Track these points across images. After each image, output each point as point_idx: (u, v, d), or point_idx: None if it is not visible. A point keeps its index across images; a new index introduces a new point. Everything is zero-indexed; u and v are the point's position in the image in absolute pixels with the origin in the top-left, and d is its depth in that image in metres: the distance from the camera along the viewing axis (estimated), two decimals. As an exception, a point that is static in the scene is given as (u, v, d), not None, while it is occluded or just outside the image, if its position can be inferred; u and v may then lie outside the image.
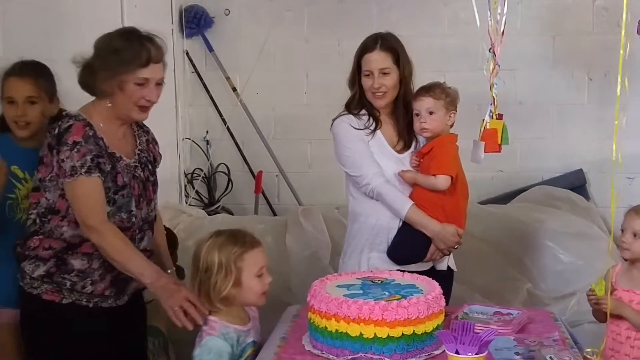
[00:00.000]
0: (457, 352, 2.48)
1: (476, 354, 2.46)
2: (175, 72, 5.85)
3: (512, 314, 3.24)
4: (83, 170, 3.04)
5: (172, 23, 5.91)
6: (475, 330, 2.54)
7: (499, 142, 3.67)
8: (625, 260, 3.52)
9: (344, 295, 2.87)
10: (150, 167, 3.38)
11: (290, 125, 6.20)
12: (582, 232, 5.03)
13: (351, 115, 3.76)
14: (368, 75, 3.69)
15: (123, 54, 3.10)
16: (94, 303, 3.23)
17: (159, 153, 3.51)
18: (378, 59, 3.68)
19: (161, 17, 5.77)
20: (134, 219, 3.22)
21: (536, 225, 5.06)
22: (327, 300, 2.83)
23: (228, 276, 2.94)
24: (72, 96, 4.29)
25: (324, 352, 2.85)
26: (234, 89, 6.01)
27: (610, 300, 3.29)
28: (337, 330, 2.79)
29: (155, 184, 3.41)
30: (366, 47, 3.72)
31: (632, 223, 3.43)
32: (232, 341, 2.95)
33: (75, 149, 3.05)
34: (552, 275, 4.89)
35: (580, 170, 5.92)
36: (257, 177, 6.01)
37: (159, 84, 3.21)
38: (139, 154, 3.33)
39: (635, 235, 3.40)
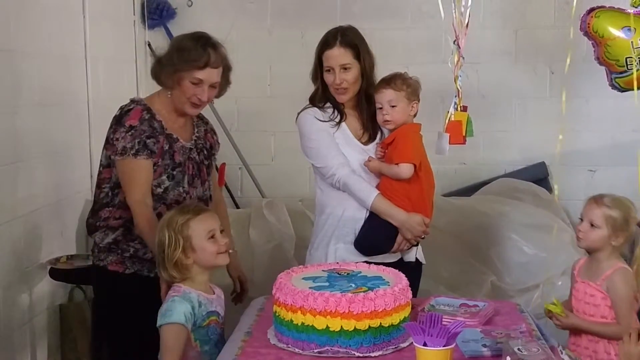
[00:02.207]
0: (425, 344, 2.47)
1: (444, 346, 2.46)
2: (137, 64, 5.79)
3: (478, 306, 3.25)
4: (132, 152, 3.41)
5: (134, 14, 5.84)
6: (443, 323, 2.54)
7: (464, 134, 3.69)
8: (583, 249, 3.50)
9: (310, 288, 2.86)
10: (205, 152, 3.72)
11: (253, 117, 6.16)
12: (545, 224, 5.06)
13: (316, 108, 3.76)
14: (329, 71, 3.69)
15: (186, 54, 3.47)
16: (155, 273, 3.38)
17: (217, 142, 3.87)
18: (338, 55, 3.67)
19: (123, 8, 5.71)
20: (185, 195, 3.55)
21: (500, 217, 5.08)
22: (292, 293, 2.81)
23: (176, 245, 3.13)
24: (36, 86, 4.26)
25: (289, 345, 2.83)
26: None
27: (568, 320, 3.36)
28: (303, 323, 2.77)
29: (210, 166, 3.76)
30: (326, 43, 3.71)
31: (590, 213, 3.40)
32: (193, 302, 3.09)
33: (130, 132, 3.43)
34: (516, 268, 4.91)
35: (543, 163, 5.96)
36: (220, 170, 5.92)
37: (214, 86, 3.55)
38: (195, 140, 3.67)
39: (592, 224, 3.37)
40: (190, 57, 3.45)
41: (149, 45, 6.00)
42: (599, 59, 4.16)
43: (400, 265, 3.47)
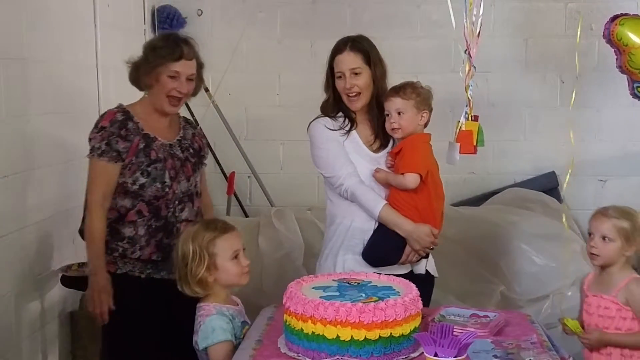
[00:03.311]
0: (436, 355, 2.47)
1: (455, 356, 2.46)
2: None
3: (489, 317, 3.22)
4: (98, 152, 3.58)
5: (144, 23, 5.86)
6: (454, 333, 2.53)
7: (475, 143, 3.67)
8: (597, 266, 3.43)
9: (321, 297, 2.84)
10: (191, 150, 3.83)
11: (262, 126, 6.17)
12: (555, 234, 5.05)
13: (327, 118, 3.76)
14: (340, 77, 3.70)
15: (159, 51, 3.65)
16: (147, 274, 3.65)
17: (205, 144, 3.99)
18: (348, 60, 3.69)
19: (133, 17, 5.72)
20: (168, 189, 3.65)
21: (509, 227, 5.06)
22: (303, 302, 2.79)
23: (201, 262, 3.13)
24: (48, 94, 4.27)
25: (300, 354, 2.81)
26: (206, 90, 5.94)
27: (594, 336, 3.32)
28: (313, 332, 2.75)
29: (197, 164, 3.84)
30: (337, 49, 3.73)
31: (601, 226, 3.35)
32: (229, 317, 3.12)
33: (100, 133, 3.60)
34: (526, 278, 4.89)
35: (553, 172, 5.94)
36: (229, 178, 5.97)
37: (190, 79, 3.70)
38: (179, 140, 3.80)
39: (604, 238, 3.32)
40: (164, 53, 3.63)
41: (159, 53, 6.01)
42: (622, 67, 4.12)
43: (410, 277, 3.40)
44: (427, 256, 3.76)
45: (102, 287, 3.56)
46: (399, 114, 3.63)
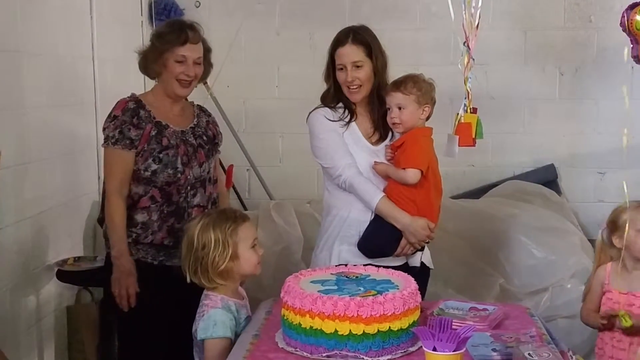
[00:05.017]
0: (434, 349, 2.45)
1: (454, 350, 2.44)
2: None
3: (488, 310, 3.22)
4: (112, 140, 3.65)
5: (141, 14, 5.83)
6: (453, 327, 2.52)
7: (474, 136, 3.65)
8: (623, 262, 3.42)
9: (319, 291, 2.83)
10: (205, 138, 3.88)
11: (261, 119, 6.15)
12: (555, 226, 5.03)
13: (327, 108, 3.75)
14: (342, 69, 3.68)
15: (165, 37, 3.73)
16: (159, 261, 3.72)
17: (220, 132, 4.04)
18: (350, 53, 3.66)
19: (130, 8, 5.70)
20: (180, 175, 3.70)
21: (509, 220, 5.05)
22: (301, 296, 2.79)
23: (225, 250, 3.11)
24: (44, 87, 4.25)
25: (298, 349, 2.81)
26: (205, 82, 5.93)
27: (636, 322, 3.28)
28: (311, 326, 2.75)
29: (210, 151, 3.88)
30: (339, 41, 3.71)
31: None
32: (233, 313, 3.11)
33: (113, 122, 3.67)
34: (525, 270, 4.88)
35: (552, 165, 5.93)
36: (227, 171, 5.90)
37: (198, 63, 3.76)
38: (193, 127, 3.85)
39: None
40: (170, 38, 3.70)
41: (157, 46, 5.99)
42: (637, 57, 4.08)
43: (405, 269, 3.40)
44: (422, 249, 3.74)
45: (127, 270, 3.63)
46: (399, 108, 3.61)
